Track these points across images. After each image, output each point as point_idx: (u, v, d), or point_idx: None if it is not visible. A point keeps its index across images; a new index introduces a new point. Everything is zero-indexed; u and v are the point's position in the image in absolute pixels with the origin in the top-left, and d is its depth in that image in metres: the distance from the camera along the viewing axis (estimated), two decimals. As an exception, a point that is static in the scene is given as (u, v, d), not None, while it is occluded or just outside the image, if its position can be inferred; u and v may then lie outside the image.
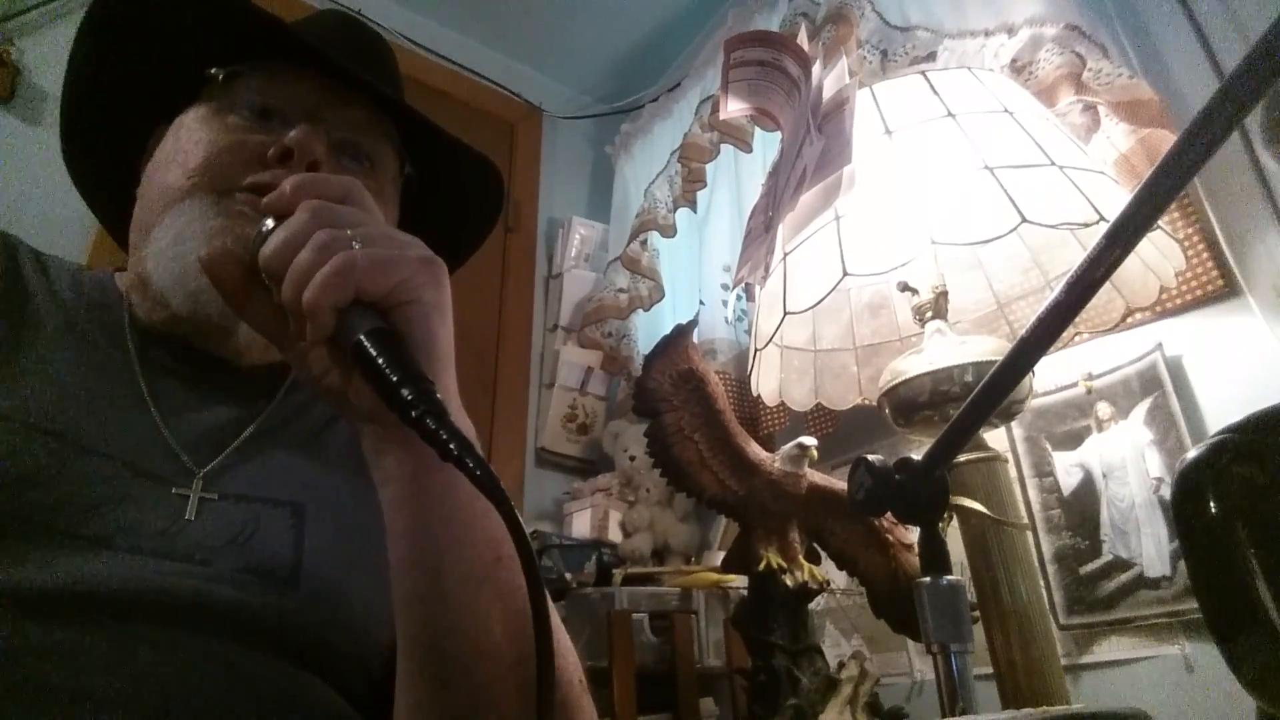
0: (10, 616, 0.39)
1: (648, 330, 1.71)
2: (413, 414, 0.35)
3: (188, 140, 0.55)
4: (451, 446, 0.34)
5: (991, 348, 0.81)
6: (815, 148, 0.79)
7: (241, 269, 0.41)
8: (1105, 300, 0.88)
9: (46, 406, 0.46)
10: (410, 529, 0.42)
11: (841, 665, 0.86)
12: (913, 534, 0.76)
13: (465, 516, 0.42)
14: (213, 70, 0.58)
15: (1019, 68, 1.03)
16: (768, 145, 1.53)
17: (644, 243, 1.70)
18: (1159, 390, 0.93)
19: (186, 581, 0.44)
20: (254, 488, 0.52)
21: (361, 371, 0.37)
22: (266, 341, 0.54)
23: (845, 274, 0.76)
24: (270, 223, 0.40)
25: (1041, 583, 0.87)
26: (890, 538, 0.89)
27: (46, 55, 1.36)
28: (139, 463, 0.48)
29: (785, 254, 0.86)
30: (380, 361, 0.36)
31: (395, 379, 0.35)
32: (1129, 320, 0.91)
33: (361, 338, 0.37)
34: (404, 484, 0.42)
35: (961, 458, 0.79)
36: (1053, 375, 1.03)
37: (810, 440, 0.88)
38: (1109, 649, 0.93)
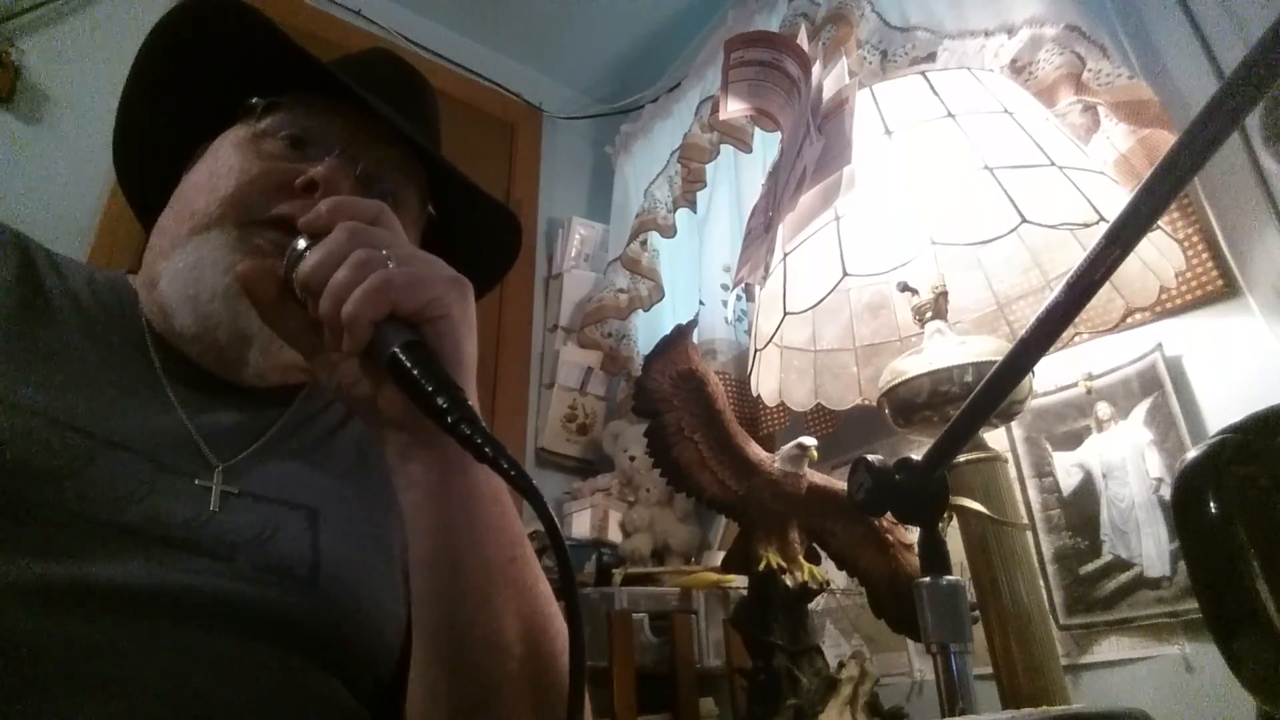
0: (38, 609, 0.40)
1: (648, 330, 1.70)
2: (449, 420, 0.37)
3: (222, 165, 0.58)
4: (487, 450, 0.36)
5: (991, 348, 0.81)
6: (815, 148, 0.79)
7: (276, 285, 0.44)
8: (1105, 300, 0.88)
9: (72, 403, 0.48)
10: (433, 529, 0.44)
11: (841, 665, 0.86)
12: (913, 534, 0.76)
13: (484, 519, 0.45)
14: (253, 100, 0.60)
15: (1019, 68, 1.03)
16: (768, 145, 1.53)
17: (644, 243, 1.70)
18: (1159, 390, 0.93)
19: (210, 578, 0.45)
20: (272, 489, 0.53)
21: (396, 381, 0.39)
22: (279, 368, 0.57)
23: (845, 274, 0.76)
24: (303, 242, 0.43)
25: (1041, 583, 0.87)
26: (890, 538, 0.89)
27: (46, 55, 1.36)
28: (163, 457, 0.49)
29: (785, 254, 0.86)
30: (415, 372, 0.38)
31: (431, 388, 0.38)
32: (1129, 320, 0.91)
33: (397, 350, 0.39)
34: (428, 488, 0.44)
35: (961, 458, 0.79)
36: (1053, 375, 1.02)
37: (810, 440, 0.88)
38: (1109, 649, 0.93)
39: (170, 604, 0.43)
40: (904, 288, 0.89)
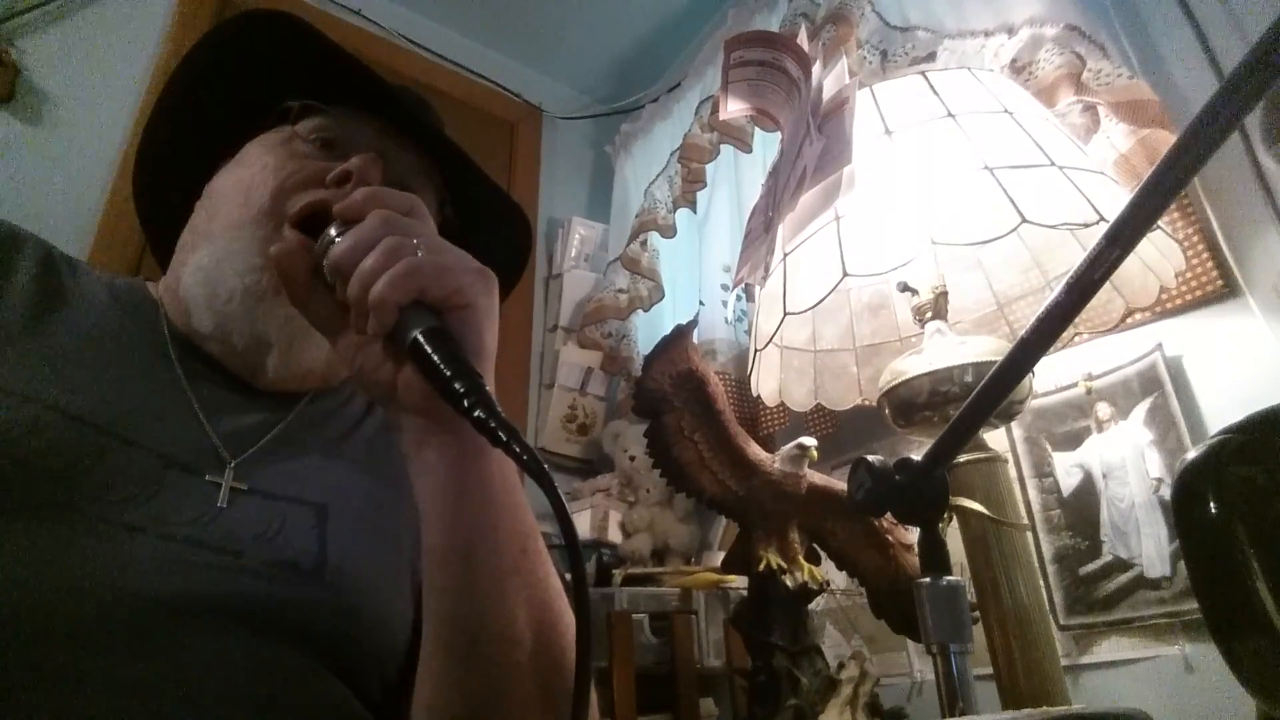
0: (47, 603, 0.40)
1: (648, 330, 1.70)
2: (465, 404, 0.38)
3: (257, 163, 0.60)
4: (501, 434, 0.37)
5: (991, 348, 0.81)
6: (815, 148, 0.79)
7: (307, 267, 0.45)
8: (1105, 300, 0.88)
9: (88, 399, 0.48)
10: (446, 516, 0.45)
11: (841, 665, 0.86)
12: (913, 534, 0.76)
13: (497, 509, 0.45)
14: (289, 103, 0.63)
15: (1019, 68, 1.03)
16: (768, 145, 1.53)
17: (644, 243, 1.70)
18: (1159, 390, 0.93)
19: (217, 573, 0.46)
20: (281, 486, 0.54)
21: (416, 365, 0.41)
22: (298, 375, 0.58)
23: (845, 274, 0.76)
24: (335, 230, 0.44)
25: (1041, 583, 0.87)
26: (890, 538, 0.89)
27: (46, 55, 1.36)
28: (175, 455, 0.50)
29: (785, 254, 0.86)
30: (436, 357, 0.39)
31: (449, 373, 0.39)
32: (1129, 320, 0.91)
33: (419, 335, 0.40)
34: (442, 475, 0.45)
35: (961, 458, 0.79)
36: (1053, 375, 1.02)
37: (810, 440, 0.88)
38: (1109, 649, 0.93)
39: (177, 597, 0.44)
40: (904, 288, 0.89)
